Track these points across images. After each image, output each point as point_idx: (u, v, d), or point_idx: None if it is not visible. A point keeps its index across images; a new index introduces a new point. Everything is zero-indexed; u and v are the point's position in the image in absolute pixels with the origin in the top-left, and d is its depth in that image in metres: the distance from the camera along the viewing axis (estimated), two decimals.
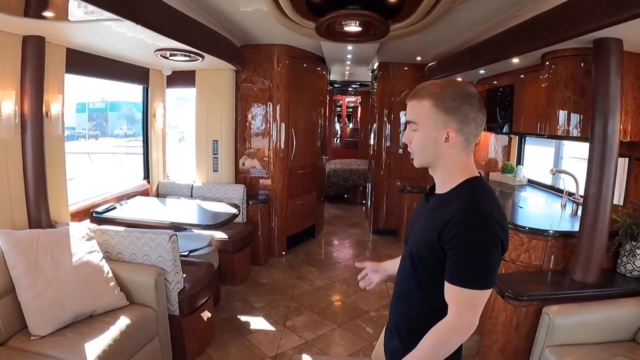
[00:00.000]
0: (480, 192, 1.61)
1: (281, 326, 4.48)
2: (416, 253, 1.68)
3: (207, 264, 4.20)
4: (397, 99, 7.53)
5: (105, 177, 10.67)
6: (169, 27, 3.63)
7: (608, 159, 3.21)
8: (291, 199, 6.65)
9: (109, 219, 4.52)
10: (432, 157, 1.68)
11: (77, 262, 3.19)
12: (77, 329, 2.97)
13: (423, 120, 1.65)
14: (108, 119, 17.41)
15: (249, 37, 5.72)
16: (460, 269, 1.53)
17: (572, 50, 3.60)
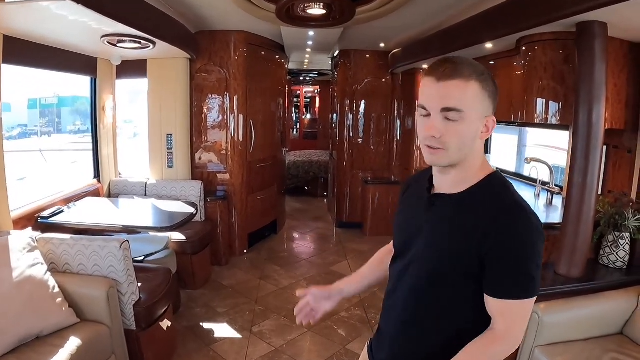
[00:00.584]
0: (512, 188, 1.40)
1: (247, 333, 4.18)
2: (434, 269, 1.41)
3: (165, 269, 3.85)
4: (359, 88, 7.30)
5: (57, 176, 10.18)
6: (113, 7, 3.25)
7: (593, 148, 3.05)
8: (251, 194, 6.33)
9: (55, 224, 4.12)
10: (465, 154, 1.37)
11: (19, 278, 2.81)
12: (23, 355, 2.61)
13: (470, 106, 1.31)
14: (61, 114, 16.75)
15: (204, 22, 5.35)
16: (516, 278, 1.30)
17: (551, 34, 3.41)
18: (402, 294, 1.53)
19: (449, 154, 1.34)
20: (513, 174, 5.59)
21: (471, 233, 1.32)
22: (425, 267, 1.44)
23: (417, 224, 1.50)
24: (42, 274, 2.94)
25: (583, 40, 3.04)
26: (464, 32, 4.33)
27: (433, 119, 1.32)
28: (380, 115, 7.45)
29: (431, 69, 1.34)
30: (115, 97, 5.66)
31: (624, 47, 3.37)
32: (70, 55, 4.66)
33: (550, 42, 3.47)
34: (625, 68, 3.41)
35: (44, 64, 4.38)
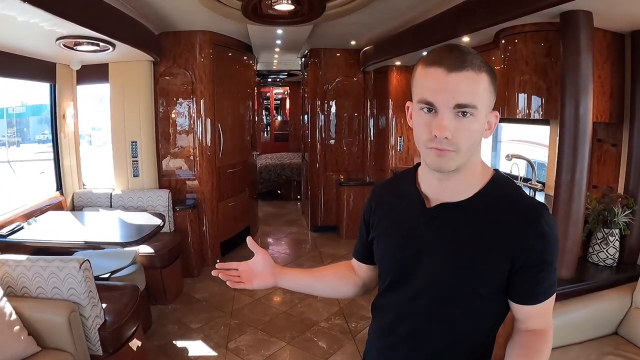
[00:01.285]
0: (520, 187, 1.28)
1: (223, 349, 3.95)
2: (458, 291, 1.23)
3: (132, 286, 3.60)
4: (330, 87, 7.13)
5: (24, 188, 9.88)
6: (64, 6, 2.99)
7: (581, 143, 2.93)
8: (222, 201, 6.10)
9: (14, 242, 3.82)
10: (472, 152, 1.19)
11: None
12: None
13: (482, 102, 1.13)
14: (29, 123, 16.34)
15: (167, 23, 5.11)
16: (551, 280, 1.23)
17: (532, 25, 3.26)
18: (412, 327, 1.33)
19: (459, 156, 1.15)
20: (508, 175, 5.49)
21: (501, 243, 1.17)
22: (444, 290, 1.25)
23: (416, 245, 1.29)
24: None
25: (568, 31, 2.91)
26: (438, 27, 4.18)
27: (443, 117, 1.11)
28: (352, 115, 7.30)
29: (436, 57, 1.13)
30: (76, 104, 5.35)
31: (607, 37, 3.26)
32: (26, 60, 4.39)
33: (531, 34, 3.33)
34: (608, 59, 3.30)
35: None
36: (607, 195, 3.28)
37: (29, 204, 4.60)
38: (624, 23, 3.12)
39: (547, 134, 4.33)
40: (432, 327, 1.29)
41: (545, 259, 1.18)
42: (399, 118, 6.39)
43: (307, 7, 4.16)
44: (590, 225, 3.22)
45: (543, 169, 4.78)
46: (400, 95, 6.37)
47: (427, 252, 1.26)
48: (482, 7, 3.41)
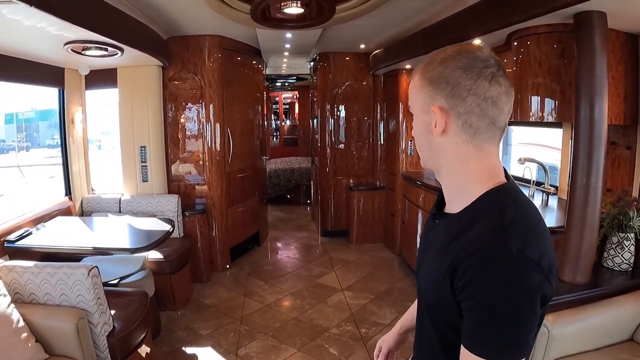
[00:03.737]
0: (508, 212, 1.04)
1: (233, 356, 3.90)
2: (430, 301, 1.20)
3: (141, 293, 3.57)
4: (339, 91, 7.08)
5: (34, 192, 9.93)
6: (72, 10, 2.96)
7: (597, 146, 2.86)
8: (231, 206, 6.07)
9: (23, 248, 3.79)
10: (430, 154, 1.19)
11: None
12: None
13: (413, 99, 1.19)
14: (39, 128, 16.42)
15: (175, 27, 5.10)
16: (477, 330, 1.01)
17: (546, 27, 3.20)
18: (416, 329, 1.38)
19: (424, 154, 1.23)
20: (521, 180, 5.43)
21: (448, 268, 1.06)
22: (423, 299, 1.26)
23: (424, 246, 1.30)
24: (4, 307, 2.68)
25: (582, 32, 2.85)
26: (449, 29, 4.13)
27: None
28: (362, 119, 7.25)
29: None
30: (85, 109, 5.34)
31: (620, 38, 3.21)
32: (35, 65, 4.37)
33: (544, 36, 3.27)
34: (622, 60, 3.25)
35: (6, 75, 4.09)
36: (622, 198, 3.22)
37: (37, 209, 4.58)
38: (638, 23, 3.07)
39: (560, 136, 4.27)
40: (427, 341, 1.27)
41: (472, 299, 1.01)
42: (409, 122, 6.30)
43: (316, 10, 4.12)
44: (605, 230, 3.13)
45: (554, 172, 4.71)
46: None
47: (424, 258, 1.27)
48: (494, 9, 3.36)
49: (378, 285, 5.43)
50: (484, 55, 1.09)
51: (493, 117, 1.09)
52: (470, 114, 1.09)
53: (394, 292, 5.22)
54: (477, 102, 1.08)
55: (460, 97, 1.08)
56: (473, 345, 1.01)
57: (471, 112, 1.09)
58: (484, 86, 1.07)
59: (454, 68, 1.09)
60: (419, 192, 5.47)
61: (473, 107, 1.08)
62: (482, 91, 1.07)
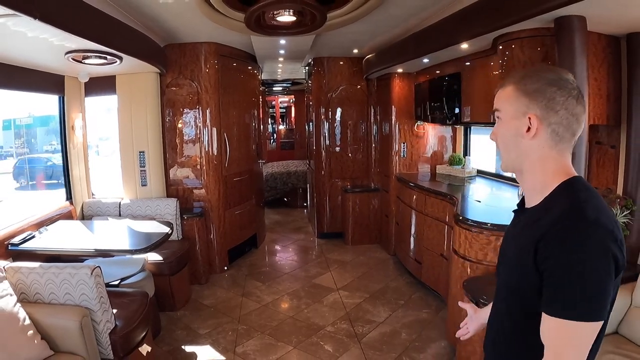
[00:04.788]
0: (582, 193, 1.26)
1: (231, 354, 4.02)
2: (511, 285, 1.40)
3: (141, 293, 3.68)
4: (334, 95, 7.22)
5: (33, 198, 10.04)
6: (73, 22, 3.08)
7: (578, 145, 2.97)
8: (229, 209, 6.19)
9: (26, 251, 3.92)
10: (516, 155, 1.38)
11: None
12: None
13: (504, 106, 1.39)
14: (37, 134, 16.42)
15: (172, 35, 5.23)
16: (559, 294, 1.18)
17: (529, 31, 3.37)
18: (492, 316, 1.57)
19: (502, 156, 1.45)
20: (496, 176, 5.54)
21: (532, 246, 1.25)
22: (503, 284, 1.47)
23: (507, 242, 1.53)
24: (11, 306, 2.79)
25: (562, 35, 3.01)
26: (438, 34, 4.28)
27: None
28: (356, 122, 7.38)
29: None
30: (85, 116, 5.46)
31: (602, 40, 3.34)
32: (36, 73, 4.49)
33: (527, 40, 3.43)
34: (605, 62, 3.39)
35: (8, 84, 4.20)
36: (607, 196, 3.34)
37: (39, 213, 4.68)
38: (619, 26, 3.20)
39: None
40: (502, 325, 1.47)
41: (554, 266, 1.19)
42: (402, 124, 6.44)
43: (309, 17, 4.24)
44: None
45: None
46: (402, 102, 6.43)
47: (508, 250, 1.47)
48: (480, 15, 3.50)
49: (373, 284, 5.55)
50: (570, 78, 1.33)
51: (575, 129, 1.32)
52: (559, 124, 1.31)
53: (388, 291, 5.34)
54: (566, 115, 1.30)
55: (554, 109, 1.30)
56: (554, 310, 1.18)
57: (560, 123, 1.31)
58: (573, 104, 1.30)
59: (549, 85, 1.30)
60: (411, 194, 5.59)
61: (562, 119, 1.30)
62: (571, 107, 1.30)
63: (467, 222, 3.66)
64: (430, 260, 5.04)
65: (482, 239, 3.52)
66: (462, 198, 4.55)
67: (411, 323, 4.52)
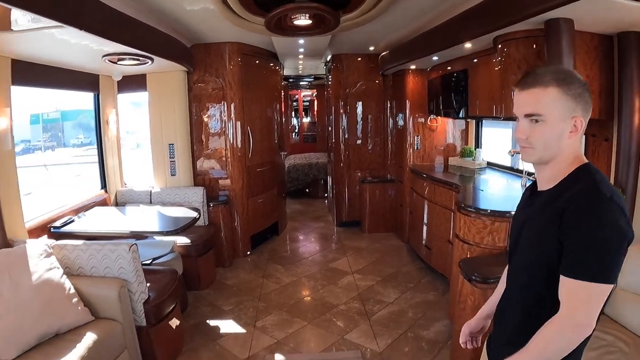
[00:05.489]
0: (597, 175, 1.48)
1: (251, 327, 4.43)
2: (533, 261, 1.57)
3: (171, 270, 4.11)
4: (352, 91, 7.54)
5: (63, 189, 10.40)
6: (113, 30, 3.52)
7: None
8: (252, 197, 6.59)
9: (67, 233, 4.34)
10: (553, 152, 1.52)
11: (37, 282, 3.07)
12: (43, 350, 2.87)
13: (549, 109, 1.48)
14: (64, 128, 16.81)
15: (198, 36, 5.62)
16: (577, 258, 1.40)
17: (523, 32, 3.64)
18: (513, 292, 1.72)
19: (536, 152, 1.53)
20: (508, 168, 5.77)
21: (554, 221, 1.45)
22: (525, 259, 1.61)
23: (521, 222, 1.67)
24: (58, 277, 3.20)
25: (551, 36, 3.28)
26: (444, 34, 4.59)
27: (520, 123, 1.54)
28: (373, 116, 7.70)
29: (517, 81, 1.56)
30: (117, 111, 5.91)
31: (594, 39, 3.56)
32: (74, 73, 4.91)
33: (522, 40, 3.71)
34: (596, 59, 3.60)
35: (50, 83, 4.63)
36: None
37: (77, 200, 5.14)
38: (609, 26, 3.44)
39: None
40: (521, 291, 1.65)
41: (575, 234, 1.39)
42: (416, 118, 6.75)
43: (324, 21, 4.59)
44: None
45: None
46: (416, 96, 6.72)
47: (522, 229, 1.65)
48: (479, 17, 3.82)
49: (385, 269, 5.91)
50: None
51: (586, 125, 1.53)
52: (586, 122, 1.51)
53: (399, 275, 5.69)
54: (588, 115, 1.51)
55: (587, 111, 1.50)
56: (573, 272, 1.40)
57: (586, 122, 1.51)
58: (591, 104, 1.51)
59: (586, 89, 1.49)
60: (423, 184, 5.90)
61: (588, 118, 1.51)
62: (590, 108, 1.51)
63: (466, 208, 3.98)
64: (438, 246, 5.36)
65: (479, 223, 3.83)
66: (467, 187, 4.86)
67: (418, 304, 4.85)
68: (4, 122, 3.65)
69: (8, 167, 3.74)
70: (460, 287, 3.52)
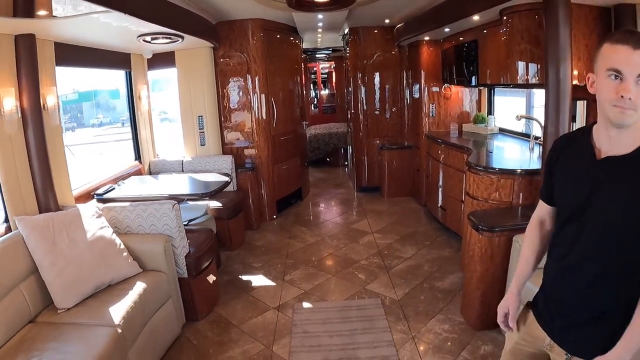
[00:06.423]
0: None
1: (280, 281, 4.87)
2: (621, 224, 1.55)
3: (207, 229, 4.55)
4: (369, 62, 7.84)
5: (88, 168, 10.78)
6: (152, 13, 3.89)
7: (562, 102, 3.58)
8: (277, 165, 6.99)
9: (110, 199, 4.73)
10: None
11: (91, 238, 3.48)
12: (99, 298, 3.27)
13: None
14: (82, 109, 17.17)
15: (222, 14, 5.96)
16: None
17: (526, 5, 3.96)
18: (581, 255, 1.66)
19: (636, 114, 1.47)
20: (518, 134, 5.99)
21: None
22: (610, 224, 1.57)
23: (592, 187, 1.62)
24: (109, 235, 3.63)
25: (549, 9, 3.57)
26: (454, 7, 4.89)
27: (627, 83, 1.45)
28: (390, 86, 8.00)
29: (622, 38, 1.48)
30: (148, 87, 6.31)
31: (593, 11, 3.84)
32: (108, 53, 5.28)
33: (525, 12, 4.04)
34: (595, 30, 3.88)
35: (87, 62, 5.02)
36: None
37: (114, 171, 5.58)
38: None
39: None
40: (601, 256, 1.60)
41: None
42: (431, 87, 7.04)
43: None
44: None
45: None
46: (430, 67, 7.00)
47: (598, 193, 1.60)
48: None
49: (404, 229, 6.30)
50: None
51: None
52: None
53: (417, 234, 6.07)
54: None
55: None
56: None
57: None
58: None
59: None
60: (438, 149, 6.22)
61: None
62: None
63: (475, 167, 4.33)
64: (452, 206, 5.71)
65: (487, 180, 4.18)
66: (478, 150, 5.19)
67: (434, 259, 5.23)
68: (52, 99, 4.02)
69: (56, 140, 4.12)
70: (469, 237, 3.88)
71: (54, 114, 4.07)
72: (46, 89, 3.93)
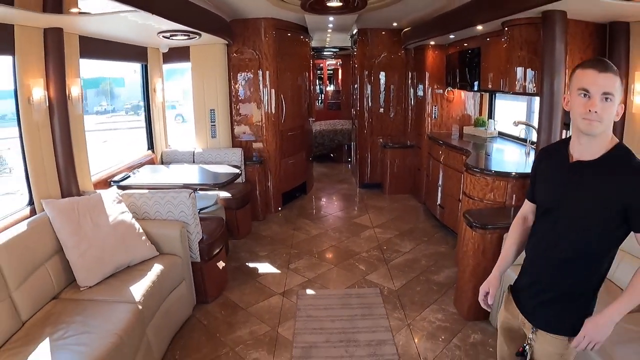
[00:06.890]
0: (634, 154, 1.83)
1: (285, 269, 5.15)
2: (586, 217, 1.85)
3: (218, 218, 4.83)
4: (376, 62, 8.11)
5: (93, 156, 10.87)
6: (176, 13, 4.18)
7: (555, 111, 3.90)
8: (284, 159, 7.26)
9: (127, 186, 4.93)
10: (607, 127, 1.79)
11: (113, 222, 3.74)
12: (119, 278, 3.52)
13: (617, 93, 1.75)
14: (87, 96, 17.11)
15: (237, 12, 6.23)
16: None
17: (526, 19, 4.20)
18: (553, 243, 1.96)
19: (602, 126, 1.76)
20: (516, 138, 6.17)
21: (614, 189, 1.78)
22: (577, 217, 1.88)
23: (566, 185, 1.92)
24: (129, 219, 3.89)
25: (546, 25, 3.87)
26: (459, 17, 5.15)
27: (594, 99, 1.74)
28: (395, 86, 8.26)
29: (590, 64, 1.79)
30: (163, 80, 6.56)
31: (589, 27, 4.11)
32: (126, 46, 5.51)
33: (525, 25, 4.27)
34: (591, 44, 4.15)
35: (108, 55, 5.28)
36: None
37: (129, 160, 5.82)
38: (600, 16, 3.96)
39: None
40: (560, 244, 1.93)
41: None
42: (434, 89, 7.28)
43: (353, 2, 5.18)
44: None
45: None
46: (435, 70, 7.22)
47: (570, 191, 1.91)
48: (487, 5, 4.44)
49: (403, 225, 6.58)
50: None
51: None
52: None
53: (415, 230, 6.36)
54: None
55: None
56: None
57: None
58: None
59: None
60: (439, 150, 6.48)
61: None
62: None
63: (472, 168, 4.59)
64: (450, 205, 5.97)
65: (483, 182, 4.44)
66: (476, 153, 5.46)
67: (431, 254, 5.50)
68: (76, 90, 4.26)
69: (79, 129, 4.36)
70: (464, 234, 4.16)
71: (77, 104, 4.30)
72: (71, 79, 4.14)
